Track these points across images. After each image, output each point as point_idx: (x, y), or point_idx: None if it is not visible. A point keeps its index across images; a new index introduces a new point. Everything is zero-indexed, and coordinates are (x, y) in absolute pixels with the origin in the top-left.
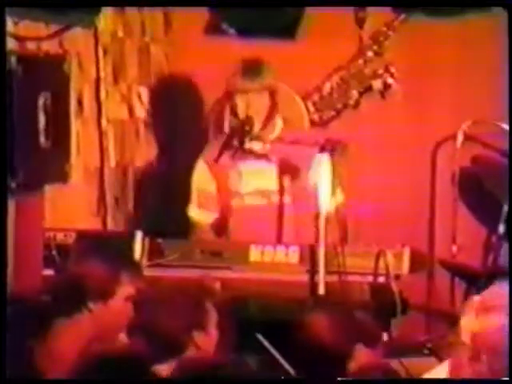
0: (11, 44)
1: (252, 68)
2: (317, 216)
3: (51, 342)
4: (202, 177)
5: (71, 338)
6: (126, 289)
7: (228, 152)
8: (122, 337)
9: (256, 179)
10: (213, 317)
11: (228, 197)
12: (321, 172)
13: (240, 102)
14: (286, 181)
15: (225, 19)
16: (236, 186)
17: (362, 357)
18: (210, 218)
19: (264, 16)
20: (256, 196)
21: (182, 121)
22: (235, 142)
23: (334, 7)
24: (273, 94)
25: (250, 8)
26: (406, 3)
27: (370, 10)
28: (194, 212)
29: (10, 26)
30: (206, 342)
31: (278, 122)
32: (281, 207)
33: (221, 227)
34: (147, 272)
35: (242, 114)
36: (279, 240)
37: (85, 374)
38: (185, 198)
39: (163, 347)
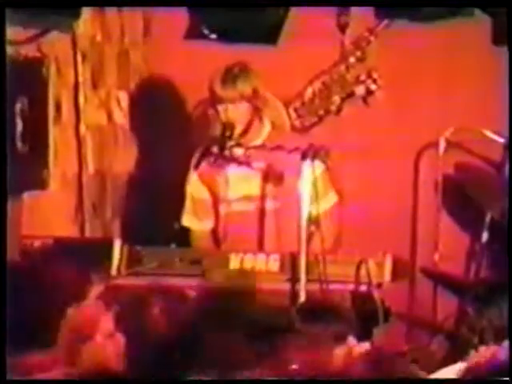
0: None
1: (231, 75)
2: (298, 223)
3: (31, 352)
4: (194, 186)
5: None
6: (97, 289)
7: (211, 158)
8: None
9: (243, 185)
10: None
11: (217, 203)
12: (303, 178)
13: (220, 109)
14: (271, 187)
15: (205, 24)
16: (224, 193)
17: None
18: (207, 225)
19: (245, 21)
20: (243, 202)
21: (162, 126)
22: (215, 149)
23: (316, 7)
24: (252, 100)
25: (230, 12)
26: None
27: (353, 15)
28: (189, 221)
29: None
30: None
31: (266, 127)
32: (265, 213)
33: (216, 235)
34: (126, 280)
35: (222, 120)
36: (262, 247)
37: None
38: (166, 205)
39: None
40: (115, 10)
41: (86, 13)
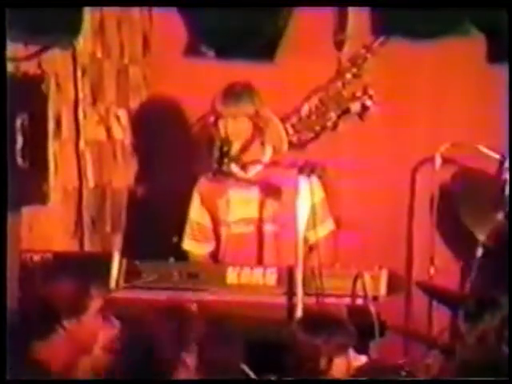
0: None
1: (234, 93)
2: (296, 238)
3: (30, 364)
4: (195, 209)
5: (49, 358)
6: (96, 302)
7: (207, 175)
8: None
9: (242, 207)
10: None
11: (218, 226)
12: (299, 194)
13: (221, 124)
14: (270, 205)
15: (203, 41)
16: (224, 215)
17: None
18: (206, 249)
19: (243, 38)
20: (242, 224)
21: (161, 142)
22: (214, 165)
23: (315, 18)
24: (253, 119)
25: (228, 30)
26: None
27: (349, 32)
28: (189, 245)
29: None
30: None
31: (268, 149)
32: (266, 234)
33: (215, 257)
34: (125, 294)
35: (221, 136)
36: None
37: None
38: (164, 220)
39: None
40: (115, 27)
41: (86, 29)
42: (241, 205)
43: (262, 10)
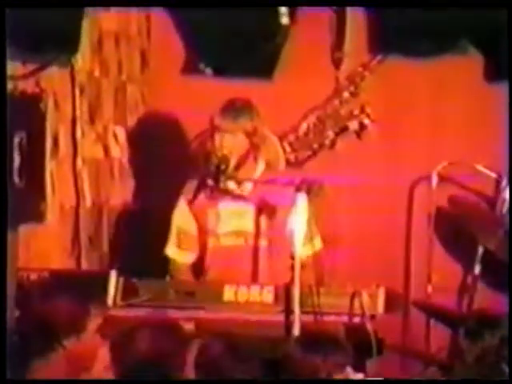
0: None
1: (233, 108)
2: (292, 256)
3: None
4: (182, 216)
5: (49, 377)
6: (94, 321)
7: (205, 191)
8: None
9: (234, 220)
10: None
11: (205, 237)
12: (296, 212)
13: (217, 141)
14: (264, 221)
15: (201, 59)
16: (213, 226)
17: None
18: (190, 258)
19: (241, 56)
20: (232, 237)
21: (158, 160)
22: (210, 182)
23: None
24: (250, 136)
25: (227, 47)
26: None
27: (347, 50)
28: (172, 251)
29: None
30: None
31: (260, 165)
32: (257, 248)
33: (198, 268)
34: (121, 312)
35: (218, 153)
36: (254, 281)
37: None
38: (161, 238)
39: None
40: (113, 46)
41: (84, 48)
42: (233, 217)
43: (261, 28)
